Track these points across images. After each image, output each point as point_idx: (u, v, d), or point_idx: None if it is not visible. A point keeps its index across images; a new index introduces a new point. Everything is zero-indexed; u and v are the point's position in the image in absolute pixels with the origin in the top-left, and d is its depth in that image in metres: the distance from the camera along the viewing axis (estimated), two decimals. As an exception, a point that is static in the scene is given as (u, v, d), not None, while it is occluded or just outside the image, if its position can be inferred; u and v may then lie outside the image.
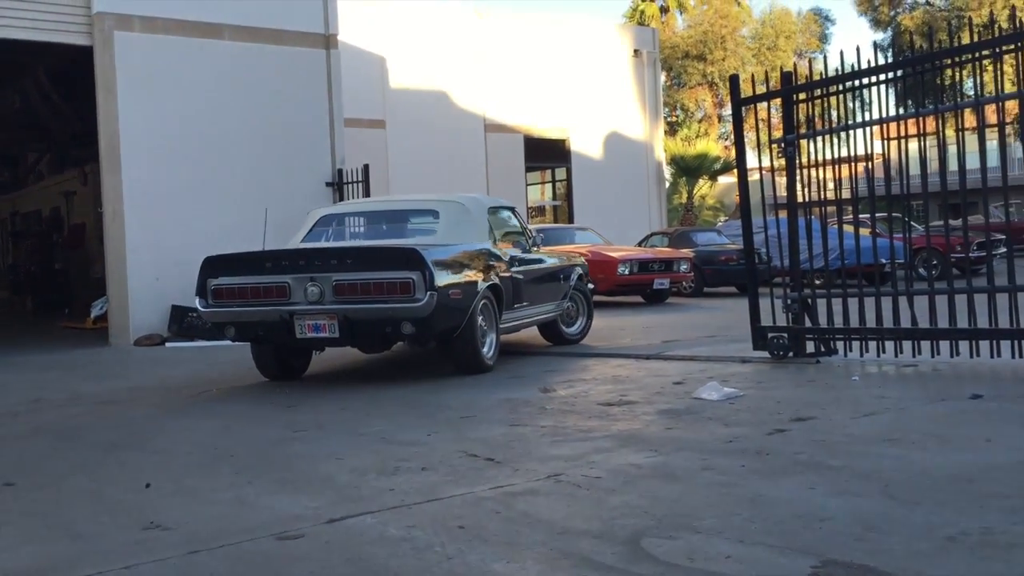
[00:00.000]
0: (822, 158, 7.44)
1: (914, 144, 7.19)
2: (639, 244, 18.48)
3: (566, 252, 11.29)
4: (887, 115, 7.22)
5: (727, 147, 36.84)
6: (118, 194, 12.33)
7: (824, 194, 7.51)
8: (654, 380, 6.96)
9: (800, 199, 7.60)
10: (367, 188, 13.61)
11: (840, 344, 7.53)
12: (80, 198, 18.79)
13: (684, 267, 15.77)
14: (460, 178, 19.89)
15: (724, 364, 7.56)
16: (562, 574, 2.99)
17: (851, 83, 7.35)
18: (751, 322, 7.79)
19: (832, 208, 7.96)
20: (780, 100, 7.73)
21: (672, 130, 41.06)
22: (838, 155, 7.40)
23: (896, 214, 8.82)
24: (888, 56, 7.59)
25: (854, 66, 7.20)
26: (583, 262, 10.51)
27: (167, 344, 11.93)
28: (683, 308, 14.76)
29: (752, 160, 7.94)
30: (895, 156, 7.18)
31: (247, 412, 6.72)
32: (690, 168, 31.43)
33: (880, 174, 7.43)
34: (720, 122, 43.88)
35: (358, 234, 8.88)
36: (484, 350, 7.70)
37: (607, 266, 14.54)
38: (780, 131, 7.78)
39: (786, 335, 7.58)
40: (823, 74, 7.45)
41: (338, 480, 4.36)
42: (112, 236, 12.47)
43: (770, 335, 7.64)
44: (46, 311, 18.54)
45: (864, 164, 7.56)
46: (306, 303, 7.13)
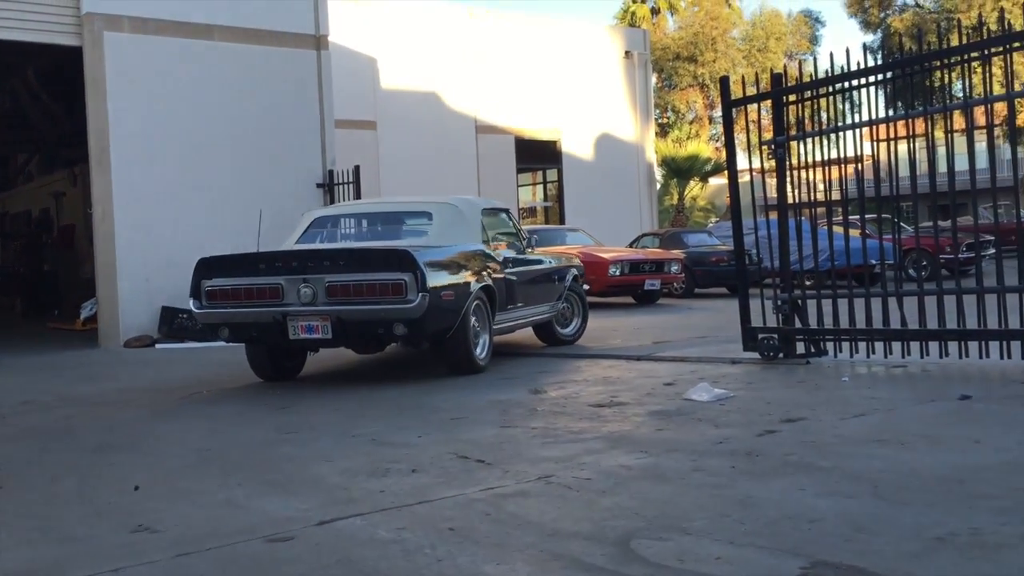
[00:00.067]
0: (812, 160, 7.47)
1: (903, 146, 7.22)
2: (630, 245, 18.49)
3: (558, 253, 11.31)
4: (877, 117, 7.25)
5: (718, 148, 36.91)
6: (108, 195, 12.29)
7: (814, 195, 7.53)
8: (645, 381, 6.97)
9: (790, 200, 7.62)
10: (358, 189, 13.60)
11: (830, 345, 7.55)
12: (70, 199, 18.71)
13: (675, 268, 15.80)
14: (451, 179, 19.89)
15: (715, 365, 7.57)
16: (552, 576, 3.00)
17: (841, 85, 7.37)
18: (741, 323, 7.81)
19: (822, 209, 7.98)
20: (770, 102, 7.75)
21: (663, 131, 41.14)
22: (828, 157, 7.42)
23: (885, 215, 8.85)
24: (878, 58, 7.61)
25: (844, 68, 7.23)
26: (578, 263, 10.53)
27: (157, 345, 11.89)
28: (674, 309, 14.78)
29: (743, 161, 7.97)
30: (885, 158, 7.21)
31: (237, 414, 6.71)
32: (681, 169, 31.46)
33: (870, 175, 7.46)
34: (711, 123, 43.96)
35: (352, 236, 8.91)
36: (477, 351, 7.72)
37: (598, 267, 14.55)
38: (770, 132, 7.80)
39: (776, 336, 7.60)
40: (813, 76, 7.47)
41: (328, 482, 4.35)
42: (102, 237, 12.42)
43: (760, 336, 7.66)
44: (35, 312, 18.46)
45: (854, 165, 7.58)
46: (299, 304, 7.16)
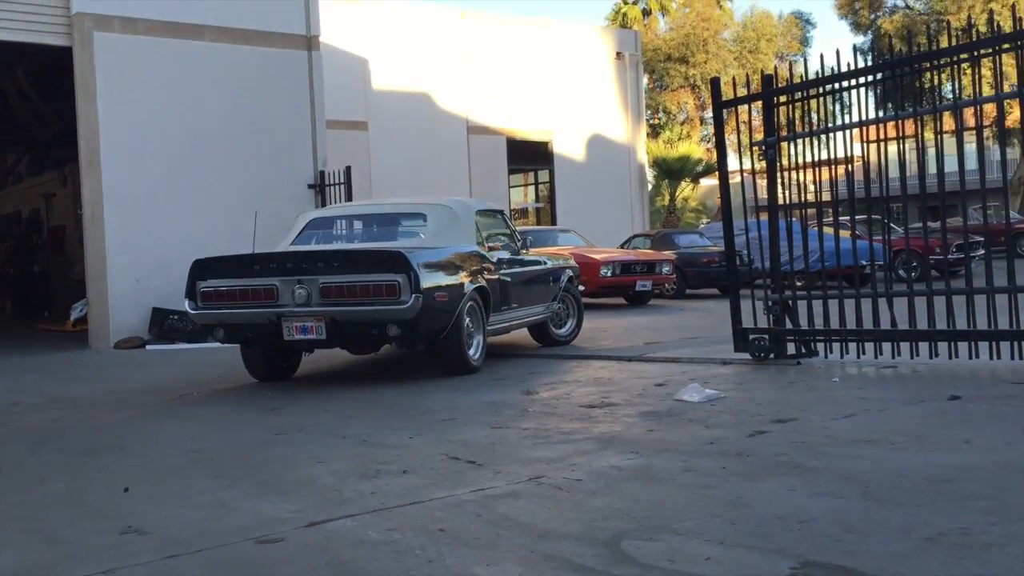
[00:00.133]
0: (803, 160, 7.48)
1: (893, 147, 7.24)
2: (621, 246, 18.51)
3: (552, 254, 11.32)
4: (867, 118, 7.27)
5: (709, 149, 36.97)
6: (98, 196, 12.25)
7: (805, 196, 7.55)
8: (636, 382, 6.97)
9: (781, 201, 7.64)
10: (349, 190, 13.58)
11: (821, 346, 7.57)
12: (60, 200, 18.63)
13: (666, 269, 15.82)
14: (443, 180, 19.88)
15: (706, 366, 7.58)
16: (543, 577, 2.99)
17: (831, 86, 7.39)
18: (732, 324, 7.82)
19: (813, 210, 8.00)
20: (761, 103, 7.76)
21: (654, 132, 41.21)
22: (818, 157, 7.44)
23: (876, 216, 8.88)
24: (868, 60, 7.63)
25: (834, 69, 7.26)
26: (573, 264, 10.55)
27: (148, 347, 11.85)
28: (665, 310, 14.80)
29: (733, 162, 7.95)
30: (875, 158, 7.23)
31: (228, 415, 6.69)
32: (672, 170, 31.54)
33: (860, 176, 7.48)
34: (702, 124, 44.03)
35: (347, 237, 8.95)
36: (471, 352, 7.74)
37: (590, 268, 14.55)
38: (761, 134, 7.81)
39: (767, 337, 7.61)
40: (804, 77, 7.49)
41: (319, 483, 4.34)
42: (92, 238, 12.38)
43: (751, 337, 7.67)
44: (25, 314, 18.39)
45: (844, 166, 7.60)
46: (294, 305, 7.20)
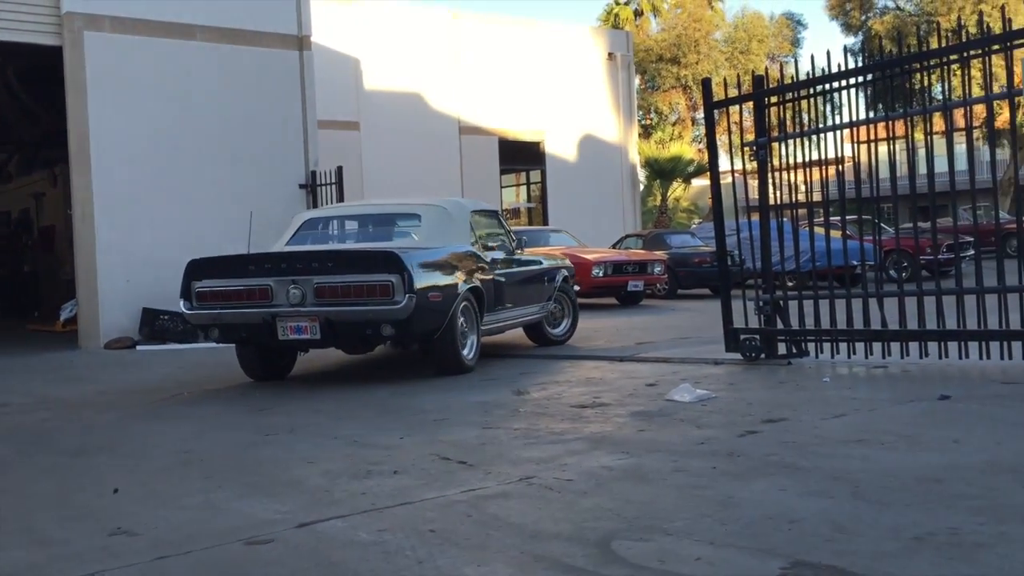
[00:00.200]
0: (793, 161, 7.49)
1: (884, 147, 7.26)
2: (613, 246, 18.52)
3: (546, 254, 11.34)
4: (857, 118, 7.29)
5: (701, 150, 37.02)
6: (88, 195, 12.21)
7: (795, 197, 7.56)
8: (627, 382, 6.98)
9: (772, 201, 7.65)
10: (341, 190, 13.56)
11: (811, 346, 7.58)
12: (50, 200, 18.55)
13: (658, 269, 15.84)
14: (434, 180, 19.87)
15: (697, 366, 7.59)
16: (533, 577, 2.99)
17: (822, 87, 7.41)
18: (724, 324, 7.83)
19: (803, 210, 8.01)
20: (752, 103, 7.78)
21: (646, 133, 41.23)
22: (809, 158, 7.46)
23: (866, 216, 8.90)
24: (858, 60, 7.65)
25: (825, 70, 7.27)
26: (568, 264, 10.58)
27: (138, 347, 11.82)
28: (657, 310, 14.81)
29: (725, 163, 7.97)
30: (865, 159, 7.25)
31: (218, 416, 6.67)
32: (664, 171, 31.58)
33: (851, 177, 7.49)
34: (694, 125, 44.09)
35: (342, 237, 8.99)
36: (465, 352, 7.77)
37: (581, 268, 14.55)
38: (752, 134, 7.82)
39: (758, 337, 7.63)
40: (795, 78, 7.51)
41: (309, 484, 4.33)
42: (82, 238, 12.33)
43: (742, 337, 7.68)
44: (15, 314, 18.30)
45: (835, 167, 7.62)
46: (288, 305, 7.24)
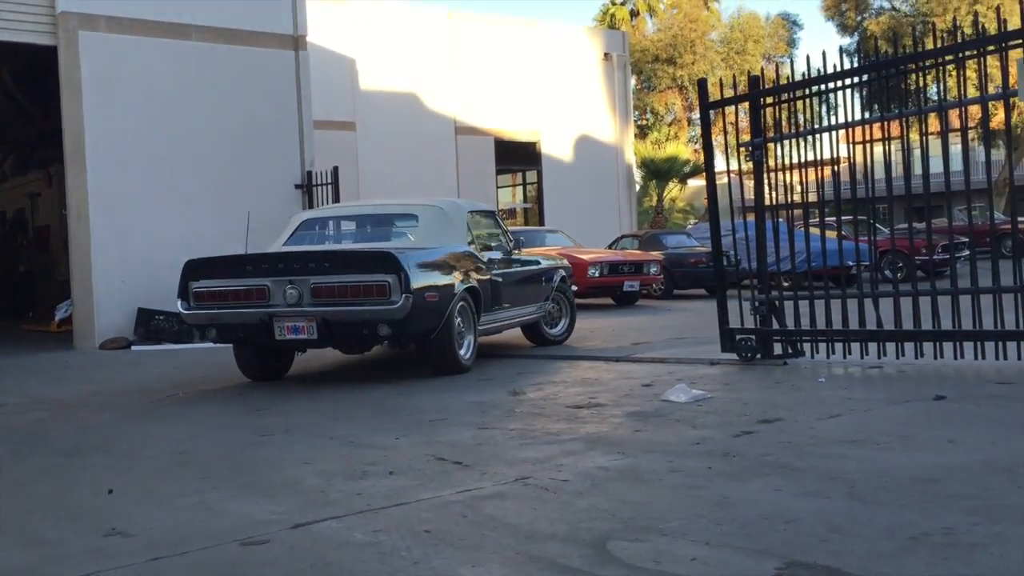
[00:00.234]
0: (789, 161, 7.50)
1: (879, 148, 7.26)
2: (609, 247, 18.53)
3: (543, 254, 11.37)
4: (853, 119, 7.30)
5: (696, 150, 37.05)
6: (83, 195, 12.18)
7: (791, 197, 7.57)
8: (623, 382, 6.98)
9: (767, 202, 7.65)
10: (336, 190, 13.55)
11: (807, 346, 7.59)
12: (45, 200, 18.51)
13: (654, 269, 15.84)
14: (430, 180, 19.85)
15: (693, 366, 7.59)
16: (528, 578, 2.99)
17: (817, 87, 7.41)
18: (719, 324, 7.84)
19: (799, 211, 8.02)
20: (748, 104, 7.78)
21: (642, 133, 41.27)
22: (805, 159, 7.47)
23: (861, 217, 8.91)
24: (854, 61, 7.66)
25: (820, 71, 7.28)
26: (566, 264, 10.60)
27: (133, 347, 11.80)
28: (653, 310, 14.82)
29: (720, 163, 7.95)
30: (861, 160, 7.25)
31: (214, 416, 6.66)
32: (660, 171, 31.57)
33: (846, 177, 7.51)
34: (690, 125, 44.12)
35: (340, 238, 9.02)
36: (462, 352, 7.78)
37: (577, 268, 14.48)
38: (748, 135, 7.83)
39: (754, 337, 7.63)
40: (790, 78, 7.51)
41: (305, 484, 4.32)
42: (77, 238, 12.31)
43: (738, 337, 7.69)
44: (10, 314, 18.26)
45: (831, 167, 7.63)
46: (285, 305, 7.26)
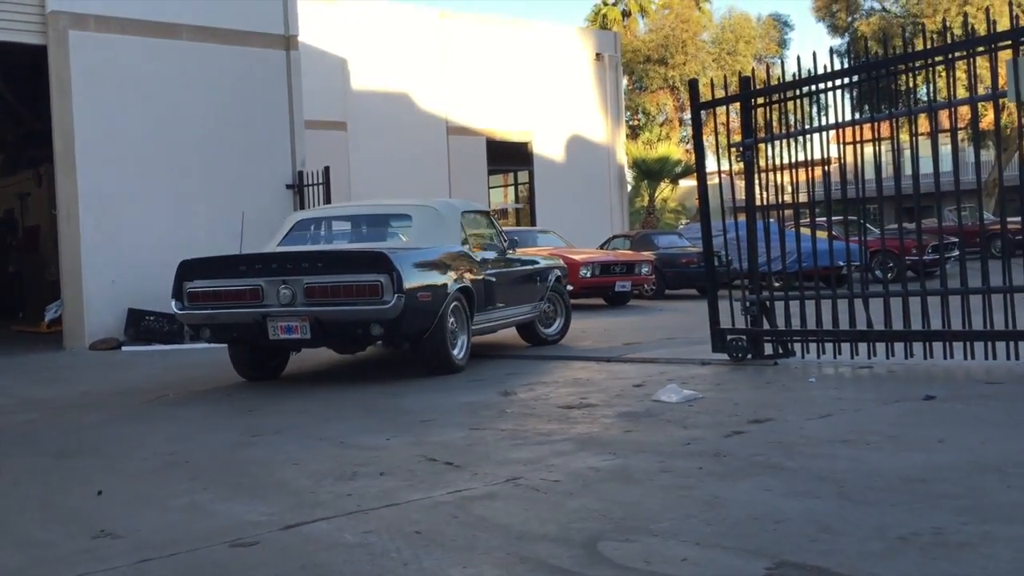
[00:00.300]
0: (780, 162, 7.51)
1: (870, 148, 7.28)
2: (601, 247, 18.54)
3: (539, 254, 11.40)
4: (844, 119, 7.31)
5: (688, 151, 37.08)
6: (73, 195, 12.13)
7: (782, 197, 7.58)
8: (614, 383, 6.98)
9: (759, 202, 7.67)
10: (328, 190, 13.52)
11: (798, 346, 7.61)
12: (35, 199, 18.42)
13: (646, 270, 15.86)
14: (422, 180, 19.84)
15: (684, 366, 7.60)
16: (519, 578, 2.98)
17: (808, 88, 7.43)
18: (710, 324, 7.85)
19: (790, 211, 8.03)
20: (739, 104, 7.79)
21: (634, 134, 41.29)
22: (796, 159, 7.48)
23: (852, 217, 8.93)
24: (844, 62, 7.68)
25: (811, 71, 7.29)
26: (561, 264, 10.64)
27: (123, 348, 11.76)
28: (644, 310, 14.84)
29: (712, 164, 7.99)
30: (851, 160, 7.27)
31: (204, 417, 6.64)
32: (652, 171, 31.61)
33: (837, 178, 7.52)
34: (681, 126, 44.17)
35: (334, 238, 9.05)
36: (455, 351, 7.81)
37: (569, 269, 14.50)
38: (739, 135, 7.84)
39: (745, 337, 7.64)
40: (781, 79, 7.52)
41: (295, 485, 4.31)
42: (67, 238, 12.26)
43: (729, 337, 7.70)
44: (-1, 315, 18.19)
45: (821, 168, 7.64)
46: (279, 305, 7.29)
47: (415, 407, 6.32)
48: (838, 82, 7.27)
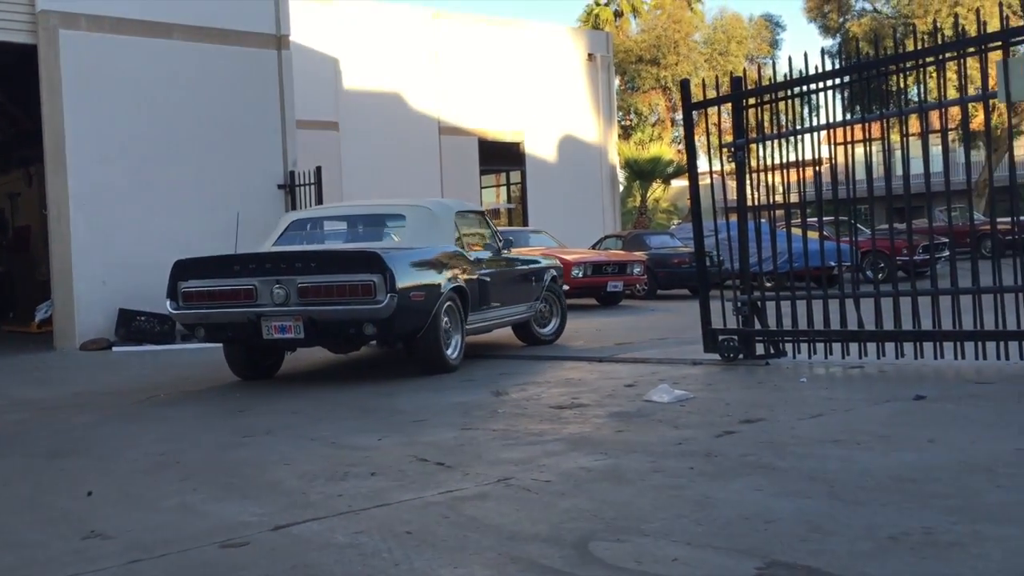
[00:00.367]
0: (771, 162, 7.53)
1: (861, 149, 7.30)
2: (593, 247, 18.54)
3: (538, 254, 11.42)
4: (835, 120, 7.33)
5: (680, 151, 37.11)
6: (64, 195, 12.09)
7: (773, 198, 7.60)
8: (606, 383, 6.99)
9: (750, 203, 7.68)
10: (319, 190, 13.50)
11: (789, 346, 7.62)
12: (25, 199, 18.36)
13: (637, 270, 15.87)
14: (414, 180, 19.82)
15: (675, 366, 7.61)
16: (510, 579, 2.98)
17: (799, 88, 7.45)
18: (702, 324, 7.86)
19: (781, 211, 8.05)
20: (731, 105, 7.81)
21: (626, 134, 41.30)
22: (787, 159, 7.50)
23: (843, 218, 8.95)
24: (836, 62, 7.70)
25: (803, 72, 7.31)
26: (557, 264, 10.66)
27: (114, 348, 11.72)
28: (636, 310, 14.85)
29: (704, 164, 8.01)
30: (842, 160, 7.29)
31: (195, 417, 6.63)
32: (643, 171, 31.61)
33: (828, 178, 7.54)
34: (673, 126, 44.20)
35: (329, 238, 9.07)
36: (448, 351, 7.83)
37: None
38: (731, 135, 7.85)
39: (736, 337, 7.65)
40: (772, 79, 7.54)
41: (286, 486, 4.31)
42: (57, 238, 12.21)
43: (721, 337, 7.71)
44: (-11, 315, 18.11)
45: (813, 168, 7.66)
46: (272, 305, 7.32)
47: (407, 407, 6.31)
48: (829, 83, 7.29)
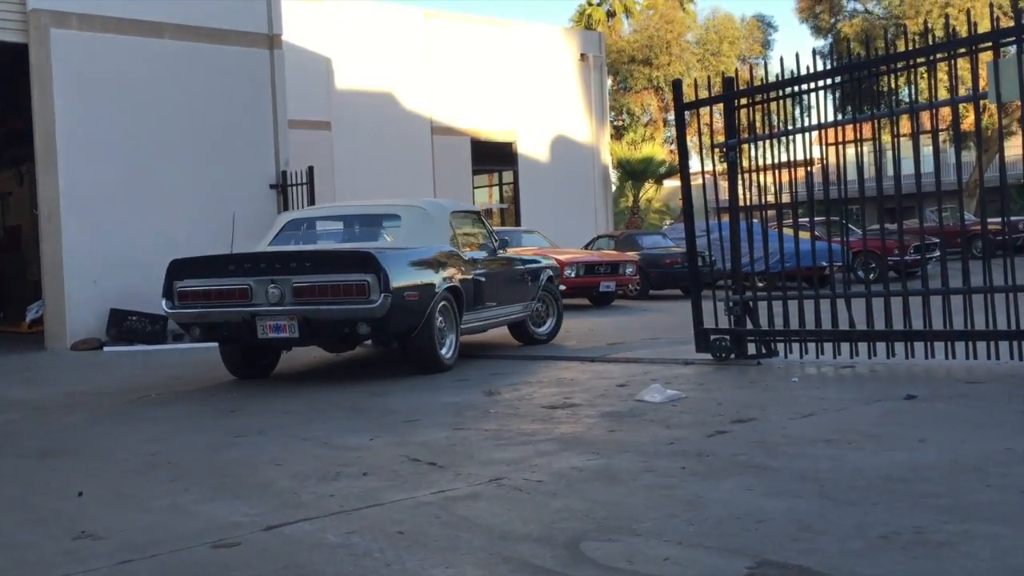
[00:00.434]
0: (763, 162, 7.55)
1: (852, 149, 7.32)
2: (585, 247, 18.56)
3: (535, 254, 11.44)
4: (826, 120, 7.35)
5: (672, 151, 37.20)
6: (55, 195, 12.04)
7: (765, 198, 7.61)
8: (598, 383, 6.99)
9: (742, 203, 7.69)
10: (312, 190, 13.48)
11: (781, 346, 7.64)
12: (16, 199, 18.29)
13: (630, 270, 15.89)
14: (407, 180, 19.81)
15: (667, 366, 7.62)
16: (502, 578, 2.98)
17: (791, 89, 7.46)
18: (694, 324, 7.87)
19: (773, 211, 8.07)
20: (723, 105, 7.82)
21: (618, 134, 41.33)
22: (779, 159, 7.51)
23: (834, 218, 8.97)
24: (827, 63, 7.72)
25: (794, 72, 7.33)
26: (553, 264, 10.67)
27: (105, 348, 11.68)
28: (629, 310, 14.86)
29: (696, 164, 8.01)
30: (834, 161, 7.31)
31: (186, 417, 6.61)
32: (636, 172, 31.66)
33: (819, 179, 7.57)
34: (666, 126, 44.25)
35: (323, 238, 9.09)
36: (443, 351, 7.85)
37: (554, 269, 14.56)
38: (723, 136, 7.87)
39: (728, 337, 7.67)
40: (764, 80, 7.56)
41: (277, 486, 4.30)
42: (48, 238, 12.17)
43: (712, 337, 7.72)
44: (-20, 315, 18.04)
45: (804, 168, 7.68)
46: (267, 304, 7.35)
47: (400, 407, 6.31)
48: (821, 83, 7.31)
